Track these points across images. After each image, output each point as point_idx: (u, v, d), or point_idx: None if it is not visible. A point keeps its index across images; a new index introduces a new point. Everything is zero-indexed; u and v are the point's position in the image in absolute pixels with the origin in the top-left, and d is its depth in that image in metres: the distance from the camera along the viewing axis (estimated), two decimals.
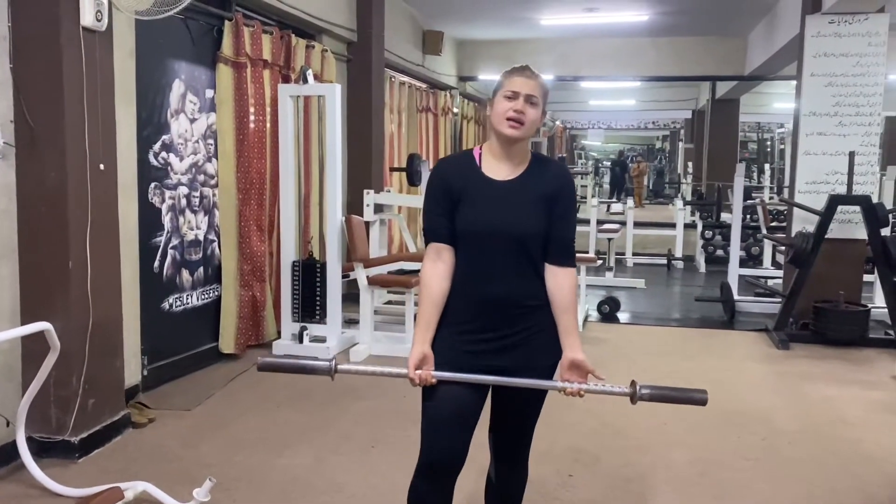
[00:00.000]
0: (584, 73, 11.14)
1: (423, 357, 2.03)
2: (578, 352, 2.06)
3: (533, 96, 2.04)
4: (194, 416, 3.97)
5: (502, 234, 2.02)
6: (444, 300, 2.08)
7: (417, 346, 2.04)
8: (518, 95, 2.02)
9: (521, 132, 2.02)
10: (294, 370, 2.06)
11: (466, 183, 2.06)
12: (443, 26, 9.30)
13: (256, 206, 5.12)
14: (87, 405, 3.39)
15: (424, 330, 2.06)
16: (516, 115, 2.01)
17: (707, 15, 8.79)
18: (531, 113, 2.03)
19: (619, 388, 2.03)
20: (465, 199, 2.05)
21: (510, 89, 2.03)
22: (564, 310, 2.07)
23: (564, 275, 2.08)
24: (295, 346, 5.16)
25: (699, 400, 2.05)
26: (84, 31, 3.27)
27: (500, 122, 2.03)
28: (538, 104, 2.05)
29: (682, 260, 9.85)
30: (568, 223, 2.10)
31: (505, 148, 2.06)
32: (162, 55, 4.38)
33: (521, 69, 2.08)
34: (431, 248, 2.09)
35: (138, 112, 4.07)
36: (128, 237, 3.93)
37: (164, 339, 4.46)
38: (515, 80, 2.04)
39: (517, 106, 2.01)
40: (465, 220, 2.05)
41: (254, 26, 5.06)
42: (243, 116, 4.94)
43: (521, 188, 2.06)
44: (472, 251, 2.05)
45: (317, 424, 3.84)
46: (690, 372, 4.95)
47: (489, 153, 2.10)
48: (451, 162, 2.22)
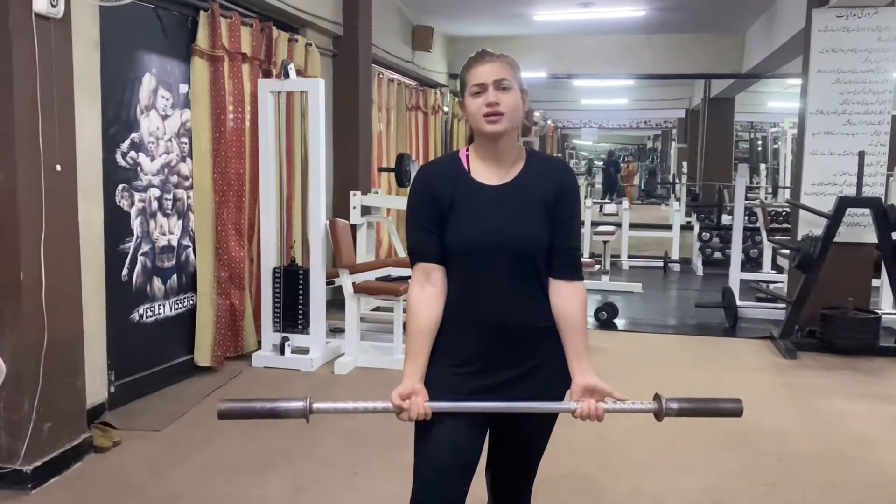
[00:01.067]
0: (577, 70, 10.89)
1: (413, 391, 1.74)
2: (591, 375, 1.77)
3: (503, 80, 1.76)
4: (164, 437, 3.66)
5: (500, 248, 1.75)
6: (436, 328, 1.80)
7: (406, 380, 1.76)
8: (485, 87, 1.76)
9: (504, 124, 1.76)
10: (262, 416, 1.76)
11: (454, 191, 1.79)
12: (433, 22, 9.01)
13: (235, 208, 4.81)
14: (41, 430, 3.08)
15: (413, 362, 1.77)
16: (491, 109, 1.74)
17: (705, 11, 8.54)
18: (507, 99, 1.76)
19: (642, 405, 1.75)
20: (454, 211, 1.78)
21: (475, 83, 1.77)
22: (573, 331, 1.80)
23: (571, 290, 1.81)
24: (276, 357, 4.87)
25: (733, 411, 1.78)
26: (37, 18, 2.96)
27: (478, 121, 1.77)
28: (512, 86, 1.77)
29: (678, 262, 9.60)
30: (572, 230, 1.84)
31: (492, 147, 1.80)
32: (130, 47, 4.07)
33: (478, 57, 1.80)
34: (418, 270, 1.82)
35: (104, 108, 3.76)
36: (92, 244, 3.62)
37: (134, 352, 4.15)
38: (477, 71, 1.78)
39: (489, 98, 1.74)
40: (455, 235, 1.78)
41: (232, 17, 4.75)
42: (220, 113, 4.63)
43: (517, 193, 1.79)
44: (466, 270, 1.78)
45: (297, 447, 3.53)
46: (695, 384, 4.67)
47: (477, 156, 1.84)
48: (435, 168, 1.90)
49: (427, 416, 1.71)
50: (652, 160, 27.27)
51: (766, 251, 8.41)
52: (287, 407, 1.72)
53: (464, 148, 1.89)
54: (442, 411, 1.73)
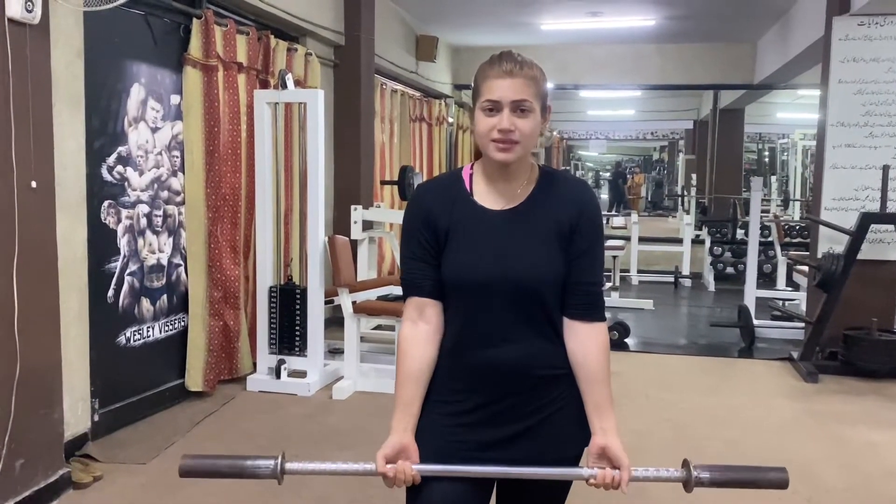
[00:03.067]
0: (584, 81, 10.67)
1: (401, 448, 1.51)
2: (613, 436, 1.53)
3: (523, 101, 1.48)
4: (148, 471, 3.43)
5: (502, 282, 1.51)
6: (430, 372, 1.57)
7: (394, 434, 1.53)
8: (500, 106, 1.48)
9: (516, 153, 1.50)
10: (228, 475, 1.53)
11: (454, 217, 1.55)
12: (437, 31, 8.82)
13: (229, 225, 4.59)
14: (13, 467, 2.85)
15: (403, 412, 1.55)
16: (503, 136, 1.48)
17: (716, 20, 8.33)
18: (524, 125, 1.48)
19: (667, 472, 1.52)
20: (451, 239, 1.55)
21: (489, 98, 1.49)
22: (594, 379, 1.55)
23: (591, 333, 1.56)
24: (272, 381, 4.63)
25: (777, 482, 1.53)
26: (10, 24, 2.75)
27: (485, 143, 1.51)
28: (532, 108, 1.49)
29: (689, 277, 9.35)
30: (592, 264, 1.58)
31: (500, 169, 1.56)
32: (118, 56, 3.86)
33: (498, 67, 1.50)
34: (411, 305, 1.59)
35: (88, 120, 3.54)
36: (73, 264, 3.40)
37: (120, 377, 3.92)
38: (494, 85, 1.48)
39: (502, 123, 1.47)
40: (454, 268, 1.55)
41: (227, 25, 4.55)
42: (214, 125, 4.42)
43: (527, 219, 1.55)
44: (464, 307, 1.55)
45: (289, 483, 3.27)
46: (715, 411, 4.43)
47: (482, 175, 1.59)
48: (433, 189, 1.64)
49: (416, 482, 1.48)
50: (658, 171, 27.04)
51: (781, 267, 8.16)
52: (256, 466, 1.50)
53: (468, 165, 1.65)
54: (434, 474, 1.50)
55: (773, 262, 8.65)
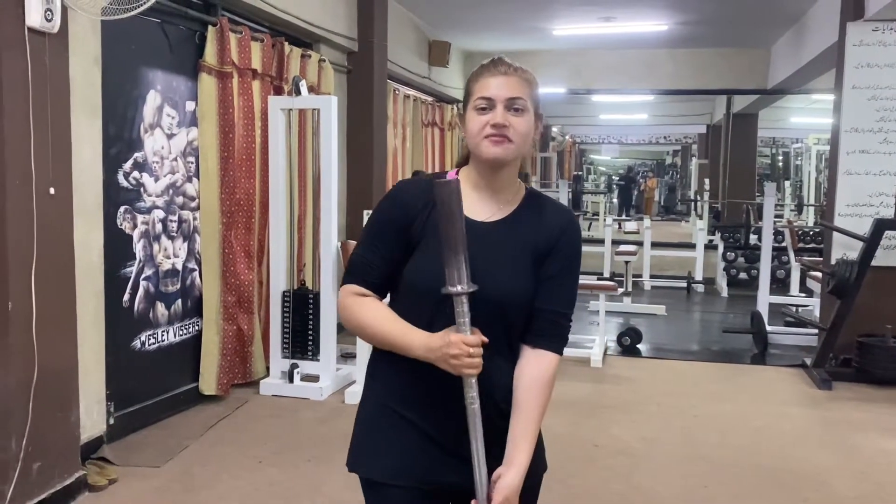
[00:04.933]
0: (597, 85, 10.66)
1: (437, 337, 1.40)
2: (515, 473, 1.43)
3: (517, 99, 1.45)
4: (163, 474, 3.45)
5: (477, 298, 1.41)
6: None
7: (425, 336, 1.42)
8: (494, 103, 1.45)
9: (510, 150, 1.45)
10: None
11: (428, 220, 1.47)
12: (449, 37, 8.85)
13: (244, 230, 4.63)
14: (30, 470, 2.89)
15: (411, 329, 1.45)
16: (497, 130, 1.44)
17: (730, 25, 8.31)
18: (519, 123, 1.45)
19: None
20: (425, 243, 1.46)
21: (482, 95, 1.46)
22: (525, 410, 1.46)
23: (539, 362, 1.47)
24: (285, 385, 4.66)
25: None
26: (30, 33, 2.80)
27: (478, 141, 1.46)
28: (526, 108, 1.46)
29: (702, 283, 9.31)
30: (562, 290, 1.50)
31: (488, 176, 1.49)
32: (134, 63, 3.90)
33: (491, 66, 1.48)
34: (351, 291, 1.51)
35: (105, 127, 3.59)
36: (90, 269, 3.44)
37: (135, 381, 3.95)
38: (487, 81, 1.46)
39: (496, 118, 1.44)
40: (420, 273, 1.46)
41: (241, 32, 4.59)
42: (228, 131, 4.46)
43: (506, 235, 1.48)
44: (426, 315, 1.45)
45: (303, 487, 3.32)
46: (726, 418, 4.41)
47: (468, 182, 1.52)
48: (412, 189, 1.54)
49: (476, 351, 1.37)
50: (671, 176, 26.96)
51: (794, 273, 8.11)
52: None
53: (452, 170, 1.58)
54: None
55: (786, 268, 8.61)
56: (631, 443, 3.95)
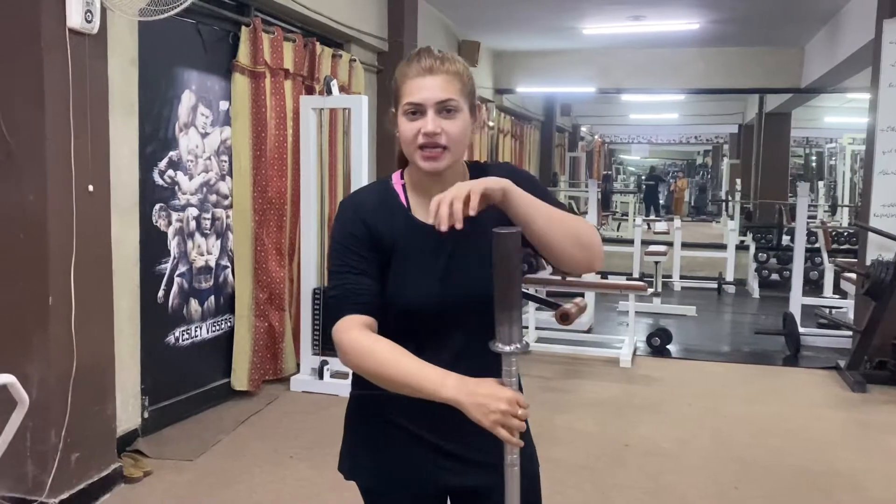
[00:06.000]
0: (626, 85, 10.61)
1: (485, 383, 1.27)
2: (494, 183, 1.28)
3: (448, 101, 1.35)
4: (196, 468, 3.51)
5: (462, 304, 1.37)
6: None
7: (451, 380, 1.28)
8: (423, 109, 1.35)
9: (445, 160, 1.36)
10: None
11: (397, 236, 1.39)
12: (479, 36, 8.85)
13: (275, 228, 4.69)
14: (69, 460, 2.96)
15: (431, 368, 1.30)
16: (429, 141, 1.34)
17: (762, 24, 8.21)
18: (452, 126, 1.35)
19: None
20: (397, 259, 1.39)
21: (409, 101, 1.36)
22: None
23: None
24: (315, 381, 4.71)
25: None
26: (70, 34, 2.86)
27: (412, 150, 1.37)
28: (459, 107, 1.36)
29: (733, 284, 9.21)
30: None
31: (432, 179, 1.40)
32: (170, 63, 3.98)
33: (416, 59, 1.38)
34: (352, 323, 1.35)
35: (141, 126, 3.66)
36: (126, 265, 3.51)
37: (169, 376, 4.02)
38: (413, 85, 1.36)
39: (426, 126, 1.34)
40: (403, 292, 1.38)
41: (274, 33, 4.64)
42: (261, 130, 4.52)
43: (470, 229, 1.29)
44: (414, 334, 1.38)
45: (333, 483, 3.35)
46: (757, 419, 4.37)
47: (416, 189, 1.43)
48: (367, 202, 1.44)
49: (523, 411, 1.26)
50: (702, 176, 26.68)
51: (828, 274, 7.99)
52: None
53: (397, 173, 1.48)
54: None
55: (819, 269, 8.48)
56: (661, 443, 3.94)
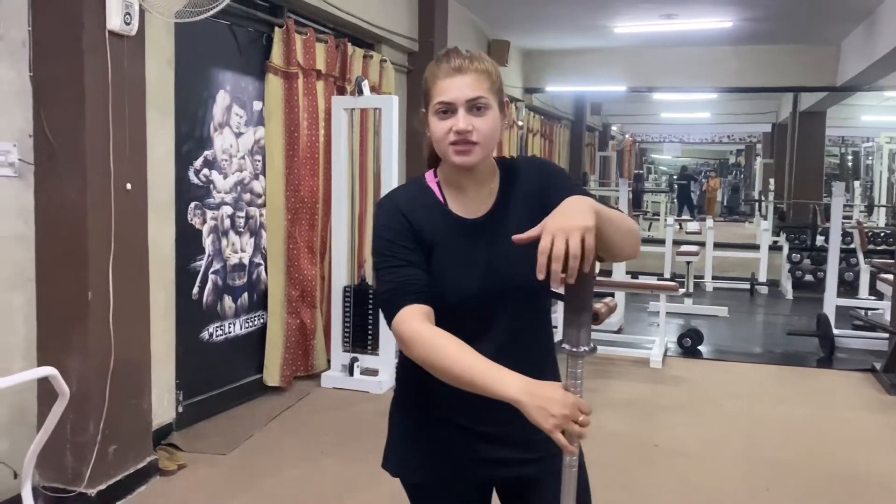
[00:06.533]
0: (658, 83, 10.54)
1: (550, 386, 1.26)
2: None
3: (478, 99, 1.38)
4: (229, 462, 3.58)
5: (502, 294, 1.40)
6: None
7: (514, 377, 1.27)
8: (455, 107, 1.38)
9: (478, 155, 1.40)
10: None
11: (437, 231, 1.42)
12: (509, 36, 8.85)
13: (307, 226, 4.74)
14: (106, 452, 3.03)
15: (498, 368, 1.29)
16: (461, 138, 1.38)
17: (797, 21, 8.10)
18: (482, 124, 1.39)
19: None
20: (438, 255, 1.41)
21: (441, 100, 1.39)
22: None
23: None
24: (345, 378, 4.76)
25: None
26: (110, 36, 2.93)
27: (444, 148, 1.41)
28: (489, 105, 1.40)
29: (766, 285, 9.10)
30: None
31: (465, 175, 1.45)
32: (205, 64, 4.05)
33: (445, 59, 1.41)
34: (413, 313, 1.35)
35: (177, 126, 3.73)
36: (162, 262, 3.58)
37: (203, 371, 4.10)
38: (445, 85, 1.39)
39: (458, 124, 1.37)
40: (447, 287, 1.40)
41: (307, 34, 4.70)
42: (294, 130, 4.58)
43: (504, 222, 1.42)
44: (459, 329, 1.36)
45: (363, 478, 3.39)
46: (789, 421, 4.32)
47: (450, 185, 1.48)
48: (406, 200, 1.48)
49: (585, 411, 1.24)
50: (735, 176, 26.36)
51: (864, 275, 7.86)
52: None
53: (429, 173, 1.51)
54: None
55: (855, 270, 8.34)
56: (690, 444, 3.91)
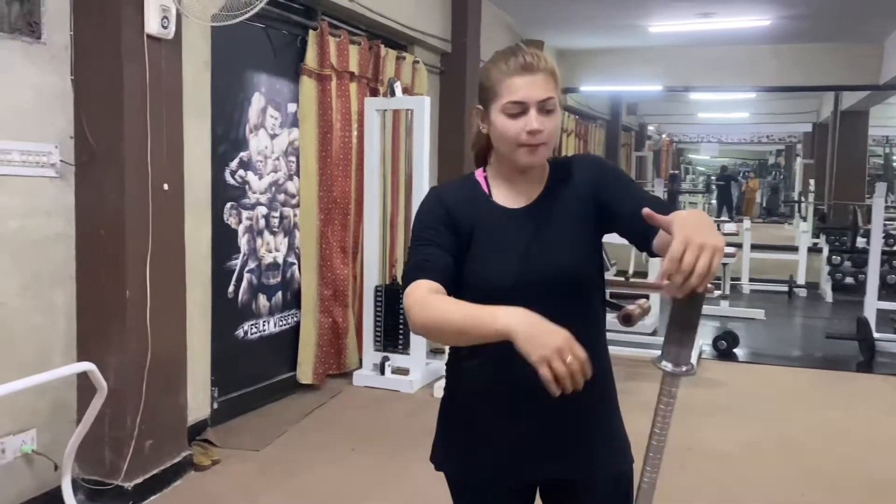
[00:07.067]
0: (694, 83, 10.43)
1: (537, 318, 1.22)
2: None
3: (549, 100, 1.39)
4: (261, 458, 3.63)
5: (537, 283, 1.39)
6: None
7: (509, 310, 1.24)
8: (527, 107, 1.38)
9: (542, 156, 1.43)
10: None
11: (477, 218, 1.46)
12: (542, 35, 8.82)
13: (340, 227, 4.79)
14: (143, 447, 3.10)
15: (489, 307, 1.27)
16: (533, 140, 1.39)
17: (838, 19, 7.94)
18: (551, 124, 1.40)
19: None
20: (477, 243, 1.44)
21: (512, 100, 1.39)
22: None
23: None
24: (376, 377, 4.80)
25: None
26: (148, 40, 3.00)
27: (511, 149, 1.41)
28: (555, 107, 1.41)
29: (804, 287, 8.94)
30: (634, 195, 1.43)
31: (521, 171, 1.48)
32: (241, 67, 4.12)
33: (513, 56, 1.40)
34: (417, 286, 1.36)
35: (214, 127, 3.80)
36: (198, 261, 3.65)
37: (238, 369, 4.17)
38: (516, 83, 1.39)
39: (531, 125, 1.38)
40: (484, 272, 1.42)
41: (340, 36, 4.75)
42: (327, 132, 4.63)
43: (551, 211, 1.46)
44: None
45: (392, 475, 3.42)
46: (828, 426, 4.25)
47: (498, 178, 1.50)
48: (450, 191, 1.52)
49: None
50: (774, 176, 25.90)
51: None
52: None
53: (479, 170, 1.54)
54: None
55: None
56: (724, 447, 3.87)
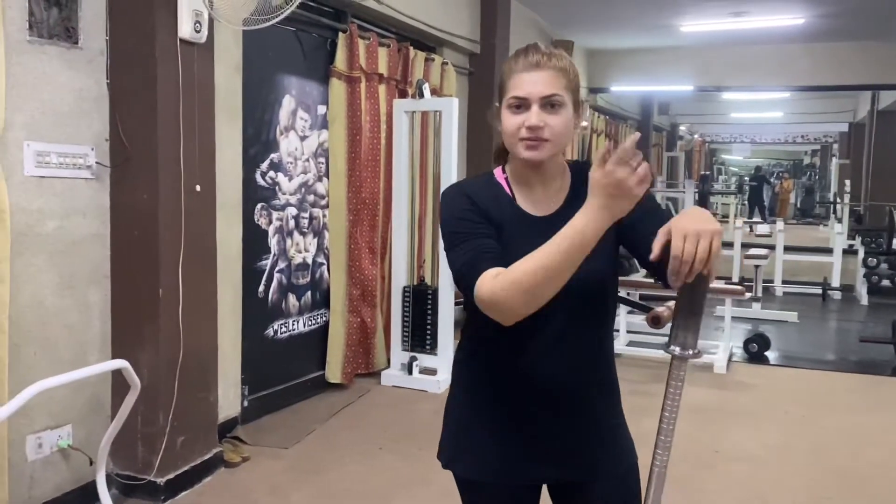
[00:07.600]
0: (727, 83, 10.30)
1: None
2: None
3: (552, 96, 1.38)
4: (290, 456, 3.68)
5: (565, 289, 1.33)
6: None
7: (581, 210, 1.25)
8: (528, 102, 1.38)
9: (547, 151, 1.40)
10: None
11: (503, 219, 1.43)
12: (572, 35, 8.79)
13: (368, 227, 4.84)
14: (175, 443, 3.16)
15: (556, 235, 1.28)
16: (531, 134, 1.38)
17: (874, 16, 7.79)
18: (555, 121, 1.39)
19: None
20: (502, 244, 1.40)
21: (514, 94, 1.39)
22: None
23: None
24: (404, 377, 4.83)
25: None
26: (181, 44, 3.06)
27: (513, 143, 1.42)
28: (563, 102, 1.39)
29: (839, 290, 8.79)
30: (649, 211, 1.40)
31: (533, 171, 1.46)
32: (271, 70, 4.17)
33: (523, 54, 1.41)
34: (491, 275, 1.32)
35: (245, 129, 3.87)
36: (230, 261, 3.72)
37: (268, 367, 4.22)
38: (520, 79, 1.39)
39: (530, 120, 1.38)
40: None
41: (370, 39, 4.79)
42: (356, 134, 4.67)
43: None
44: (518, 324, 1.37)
45: (418, 475, 3.44)
46: (861, 431, 4.18)
47: (517, 180, 1.49)
48: (474, 187, 1.49)
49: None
50: (809, 177, 25.50)
51: None
52: None
53: (497, 169, 1.53)
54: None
55: None
56: (752, 450, 3.83)
